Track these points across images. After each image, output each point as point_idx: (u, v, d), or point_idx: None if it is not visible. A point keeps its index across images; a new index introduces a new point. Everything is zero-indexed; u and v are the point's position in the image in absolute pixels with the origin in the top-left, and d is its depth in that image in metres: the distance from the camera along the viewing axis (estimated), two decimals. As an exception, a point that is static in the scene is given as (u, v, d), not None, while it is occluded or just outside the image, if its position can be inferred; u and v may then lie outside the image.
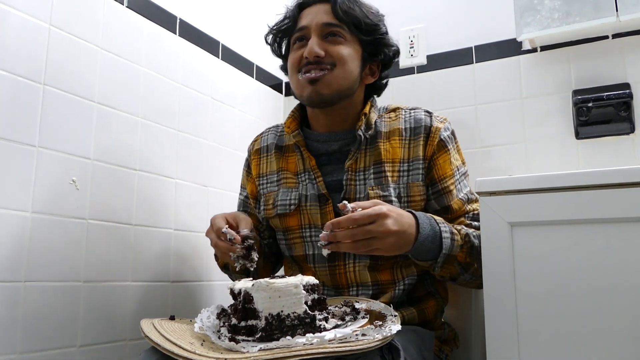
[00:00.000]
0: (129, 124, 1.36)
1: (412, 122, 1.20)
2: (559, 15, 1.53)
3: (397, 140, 1.19)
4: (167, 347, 0.81)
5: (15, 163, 1.09)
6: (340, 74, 1.17)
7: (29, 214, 1.11)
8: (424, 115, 1.21)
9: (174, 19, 1.54)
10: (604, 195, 0.94)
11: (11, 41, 1.10)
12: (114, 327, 1.27)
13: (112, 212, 1.29)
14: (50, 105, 1.16)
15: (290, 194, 1.23)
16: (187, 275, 1.51)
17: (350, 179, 1.18)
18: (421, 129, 1.19)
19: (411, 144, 1.18)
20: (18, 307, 1.08)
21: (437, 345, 1.18)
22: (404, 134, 1.19)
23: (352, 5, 1.19)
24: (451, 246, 1.07)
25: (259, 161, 1.32)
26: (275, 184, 1.27)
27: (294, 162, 1.26)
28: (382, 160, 1.17)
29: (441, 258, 1.07)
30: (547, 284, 0.96)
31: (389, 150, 1.18)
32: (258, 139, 1.36)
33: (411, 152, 1.18)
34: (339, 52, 1.17)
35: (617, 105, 1.49)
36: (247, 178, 1.35)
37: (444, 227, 1.08)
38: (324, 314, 0.89)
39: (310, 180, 1.21)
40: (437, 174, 1.17)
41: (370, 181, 1.16)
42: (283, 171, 1.27)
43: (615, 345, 0.91)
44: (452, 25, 1.80)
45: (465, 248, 1.09)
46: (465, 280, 1.13)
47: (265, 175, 1.30)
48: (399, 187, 1.16)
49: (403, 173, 1.17)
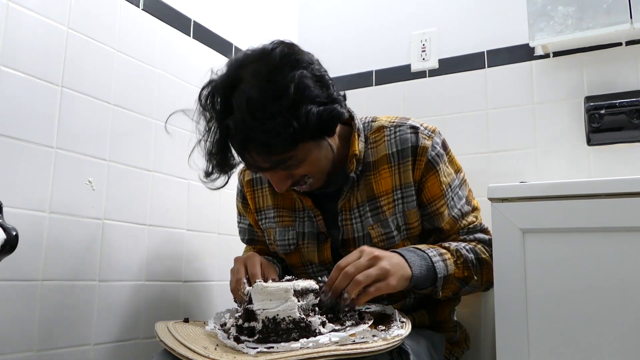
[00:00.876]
0: (144, 125, 1.38)
1: (399, 144, 1.11)
2: (572, 21, 1.53)
3: (386, 169, 1.12)
4: (181, 351, 0.83)
5: (33, 164, 1.11)
6: (319, 173, 1.08)
7: (47, 214, 1.13)
8: (410, 133, 1.11)
9: (188, 22, 1.55)
10: (616, 203, 0.95)
11: (30, 44, 1.12)
12: (128, 325, 1.29)
13: (127, 213, 1.31)
14: (67, 107, 1.18)
15: (287, 234, 1.19)
16: (199, 275, 1.52)
17: (345, 219, 1.14)
18: (408, 150, 1.10)
19: (401, 169, 1.11)
20: (35, 306, 1.10)
21: (447, 348, 1.19)
22: (392, 160, 1.12)
23: (261, 139, 0.96)
24: (445, 266, 1.05)
25: (253, 194, 1.26)
26: (272, 221, 1.22)
27: (290, 199, 1.20)
28: (376, 195, 1.12)
29: (439, 281, 1.05)
30: (558, 290, 0.97)
31: (380, 182, 1.12)
32: (247, 169, 1.24)
33: (402, 178, 1.11)
34: (302, 171, 1.05)
35: (629, 113, 1.49)
36: (244, 209, 1.29)
37: (432, 252, 1.06)
38: (322, 318, 0.90)
39: (310, 218, 1.17)
40: (426, 197, 1.12)
41: (368, 219, 1.12)
42: (279, 209, 1.21)
43: (625, 352, 0.91)
44: (464, 30, 1.80)
45: (460, 262, 1.07)
46: (467, 292, 1.13)
47: (262, 211, 1.24)
48: (396, 218, 1.11)
49: (398, 201, 1.11)
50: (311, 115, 0.97)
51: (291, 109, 0.95)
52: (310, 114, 0.97)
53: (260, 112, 0.94)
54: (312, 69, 1.01)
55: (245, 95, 0.95)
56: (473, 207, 1.18)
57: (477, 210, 1.18)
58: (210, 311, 1.53)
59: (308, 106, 0.97)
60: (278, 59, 0.97)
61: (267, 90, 0.95)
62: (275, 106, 0.95)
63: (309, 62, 1.01)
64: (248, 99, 0.95)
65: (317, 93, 0.99)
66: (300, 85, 0.96)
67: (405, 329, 0.92)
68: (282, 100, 0.95)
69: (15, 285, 1.06)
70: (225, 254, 1.60)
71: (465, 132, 1.73)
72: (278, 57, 0.98)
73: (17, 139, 1.08)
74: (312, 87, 0.99)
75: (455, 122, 1.74)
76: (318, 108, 0.98)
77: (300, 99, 0.96)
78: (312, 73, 1.00)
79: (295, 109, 0.96)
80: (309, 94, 0.98)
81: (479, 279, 1.10)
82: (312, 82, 0.99)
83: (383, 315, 1.04)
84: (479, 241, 1.14)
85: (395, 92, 1.86)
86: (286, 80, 0.96)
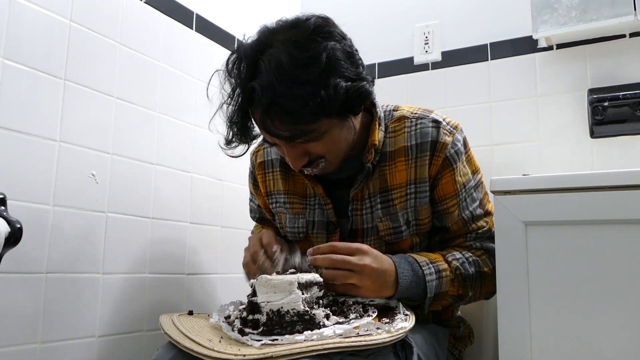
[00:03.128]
0: (147, 118, 1.38)
1: (419, 137, 1.09)
2: (576, 13, 1.52)
3: (402, 161, 1.09)
4: (186, 344, 0.84)
5: (37, 157, 1.11)
6: (335, 155, 1.05)
7: (51, 206, 1.13)
8: (431, 127, 1.09)
9: (191, 14, 1.55)
10: (619, 196, 0.94)
11: (33, 37, 1.12)
12: (132, 318, 1.30)
13: (130, 205, 1.31)
14: (70, 100, 1.18)
15: (297, 221, 1.18)
16: (202, 268, 1.53)
17: (355, 209, 1.12)
18: (427, 145, 1.08)
19: (417, 163, 1.08)
20: (39, 298, 1.10)
21: (451, 342, 1.19)
22: (409, 153, 1.09)
23: (287, 106, 0.94)
24: (438, 285, 1.05)
25: (264, 177, 1.24)
26: (282, 206, 1.21)
27: (301, 184, 1.18)
28: (389, 187, 1.10)
29: (428, 300, 1.05)
30: (561, 283, 0.97)
31: (395, 174, 1.10)
32: (260, 150, 1.26)
33: (418, 172, 1.08)
34: (320, 148, 1.02)
35: (633, 105, 1.48)
36: (255, 190, 1.29)
37: (428, 269, 1.04)
38: (326, 310, 0.90)
39: (320, 206, 1.16)
40: (439, 195, 1.10)
41: (378, 211, 1.10)
42: (289, 195, 1.19)
43: (628, 344, 0.91)
44: (467, 22, 1.80)
45: (457, 282, 1.06)
46: (462, 304, 1.14)
47: (273, 194, 1.23)
48: (407, 212, 1.09)
49: (410, 196, 1.09)
50: (340, 88, 0.95)
51: (321, 78, 0.93)
52: (339, 87, 0.95)
53: (288, 77, 0.92)
54: (344, 44, 0.99)
55: (275, 58, 0.94)
56: (486, 211, 1.14)
57: (489, 216, 1.15)
58: (214, 304, 1.53)
59: (337, 79, 0.95)
60: (312, 28, 0.96)
61: (298, 57, 0.93)
62: (305, 74, 0.93)
63: (342, 37, 1.01)
64: (278, 63, 0.93)
65: (347, 68, 0.98)
66: (331, 57, 0.95)
67: (409, 322, 0.93)
68: (312, 69, 0.93)
69: (20, 278, 1.07)
70: (228, 246, 1.60)
71: (468, 124, 1.70)
72: (312, 27, 0.96)
73: (21, 132, 1.08)
74: (343, 62, 0.97)
75: (458, 115, 1.73)
76: (347, 83, 0.96)
77: (330, 70, 0.95)
78: (344, 48, 0.99)
79: (324, 79, 0.94)
80: (339, 67, 0.96)
81: (477, 292, 1.09)
82: (343, 56, 0.98)
83: (387, 307, 1.04)
84: (485, 250, 1.12)
85: (398, 84, 1.85)
86: (318, 50, 0.94)
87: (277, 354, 0.77)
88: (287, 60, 0.93)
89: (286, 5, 2.02)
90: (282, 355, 0.77)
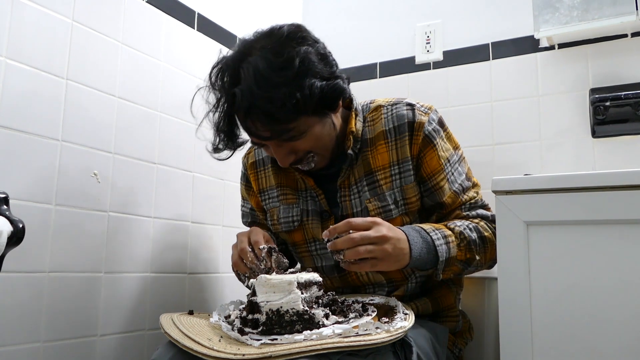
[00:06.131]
0: (149, 118, 1.38)
1: (395, 120, 1.14)
2: (578, 12, 1.52)
3: (382, 144, 1.15)
4: (186, 343, 0.84)
5: (39, 156, 1.11)
6: (322, 150, 1.11)
7: (53, 206, 1.13)
8: (406, 110, 1.14)
9: (193, 14, 1.55)
10: (621, 196, 0.94)
11: (35, 36, 1.12)
12: (134, 317, 1.30)
13: (131, 205, 1.31)
14: (72, 99, 1.19)
15: (291, 211, 1.21)
16: (204, 267, 1.53)
17: (344, 195, 1.16)
18: (405, 126, 1.13)
19: (398, 144, 1.14)
20: (42, 297, 1.11)
21: (450, 339, 1.20)
22: (388, 136, 1.14)
23: (265, 108, 1.00)
24: (447, 250, 1.07)
25: (256, 175, 1.29)
26: (276, 200, 1.25)
27: (292, 178, 1.23)
28: (372, 170, 1.15)
29: (441, 265, 1.07)
30: (562, 283, 0.97)
31: (377, 157, 1.15)
32: (251, 151, 1.32)
33: (399, 153, 1.13)
34: (305, 145, 1.08)
35: (634, 105, 1.48)
36: (247, 192, 1.33)
37: (435, 235, 1.07)
38: (325, 310, 0.91)
39: (312, 197, 1.20)
40: (426, 172, 1.14)
41: (365, 193, 1.14)
42: (282, 187, 1.24)
43: (629, 344, 0.91)
44: (469, 22, 1.79)
45: (463, 245, 1.09)
46: (470, 272, 1.16)
47: (265, 191, 1.27)
48: (394, 192, 1.13)
49: (395, 177, 1.14)
50: (314, 88, 1.02)
51: (295, 80, 1.00)
52: (313, 87, 1.02)
53: (265, 82, 1.00)
54: (317, 47, 1.06)
55: (253, 65, 1.01)
56: (473, 183, 1.20)
57: (477, 187, 1.20)
58: (215, 303, 1.54)
59: (312, 80, 1.02)
60: (285, 35, 1.04)
61: (273, 62, 1.01)
62: (280, 77, 1.00)
63: (315, 41, 1.07)
64: (255, 69, 1.00)
65: (321, 69, 1.04)
66: (305, 60, 1.02)
67: (409, 321, 0.93)
68: (287, 72, 1.00)
69: (22, 277, 1.07)
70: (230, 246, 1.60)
71: (470, 124, 1.72)
72: (285, 33, 1.04)
73: (23, 132, 1.09)
74: (317, 63, 1.04)
75: (459, 114, 1.74)
76: (321, 82, 1.04)
77: (305, 72, 1.02)
78: (317, 51, 1.06)
79: (299, 80, 1.01)
80: (313, 68, 1.03)
81: (482, 258, 1.11)
82: (316, 58, 1.04)
83: (386, 307, 1.04)
84: (482, 217, 1.16)
85: (400, 84, 1.85)
86: (292, 54, 1.01)
87: (276, 354, 0.77)
88: (264, 66, 1.00)
89: (287, 4, 2.02)
90: (281, 355, 0.77)
